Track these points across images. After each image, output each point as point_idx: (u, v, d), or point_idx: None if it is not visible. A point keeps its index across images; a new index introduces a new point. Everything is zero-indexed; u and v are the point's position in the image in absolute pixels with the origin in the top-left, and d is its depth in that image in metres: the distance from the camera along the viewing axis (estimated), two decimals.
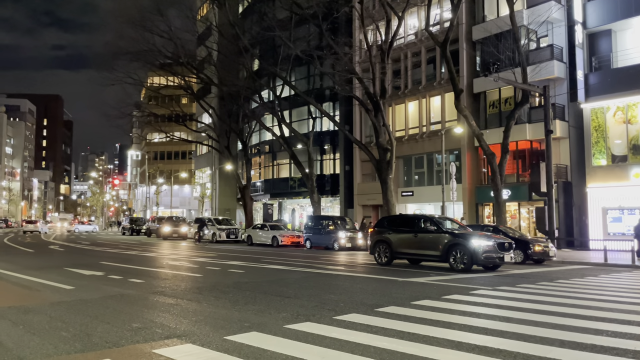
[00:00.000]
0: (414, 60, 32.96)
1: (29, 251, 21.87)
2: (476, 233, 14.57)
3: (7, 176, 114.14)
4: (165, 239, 37.55)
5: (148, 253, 20.54)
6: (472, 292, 9.42)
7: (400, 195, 33.71)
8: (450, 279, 11.64)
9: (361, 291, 9.64)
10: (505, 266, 15.77)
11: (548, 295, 9.06)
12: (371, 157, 26.60)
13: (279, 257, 18.94)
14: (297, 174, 42.00)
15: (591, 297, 8.97)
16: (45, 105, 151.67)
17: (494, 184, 21.61)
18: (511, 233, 18.75)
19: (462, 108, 21.73)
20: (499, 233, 18.53)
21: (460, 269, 13.75)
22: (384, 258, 15.66)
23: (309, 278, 11.78)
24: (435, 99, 31.85)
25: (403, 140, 33.19)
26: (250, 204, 36.90)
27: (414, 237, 15.15)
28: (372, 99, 25.09)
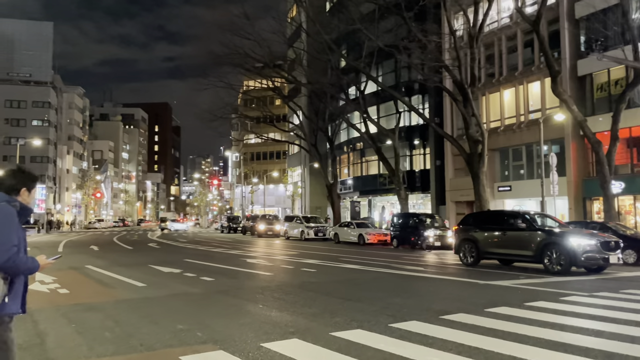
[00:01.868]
0: (509, 45, 30.64)
1: (128, 248, 23.37)
2: (576, 231, 12.93)
3: (124, 179, 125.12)
4: (259, 236, 38.51)
5: (234, 251, 20.98)
6: (563, 298, 8.20)
7: (497, 190, 31.55)
8: (541, 283, 10.35)
9: (432, 295, 8.82)
10: (613, 268, 13.88)
11: None
12: (461, 150, 25.08)
13: (360, 255, 18.38)
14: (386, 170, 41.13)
15: None
16: (156, 113, 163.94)
17: (602, 175, 19.27)
18: (622, 231, 16.60)
19: (560, 92, 19.63)
20: (607, 231, 16.53)
21: (556, 271, 12.26)
22: (470, 258, 14.48)
23: (381, 279, 11.11)
24: (533, 85, 29.33)
25: (499, 131, 31.02)
26: (337, 201, 36.68)
27: (503, 235, 13.83)
28: (461, 88, 23.60)
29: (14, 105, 73.47)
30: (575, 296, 8.46)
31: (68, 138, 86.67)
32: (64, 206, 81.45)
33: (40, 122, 74.68)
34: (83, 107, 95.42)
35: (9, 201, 2.89)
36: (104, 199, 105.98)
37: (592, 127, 25.30)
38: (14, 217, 2.85)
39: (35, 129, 74.04)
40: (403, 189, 29.73)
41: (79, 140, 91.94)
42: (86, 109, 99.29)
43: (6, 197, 2.91)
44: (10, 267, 2.76)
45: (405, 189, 38.76)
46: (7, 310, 2.81)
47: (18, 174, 3.04)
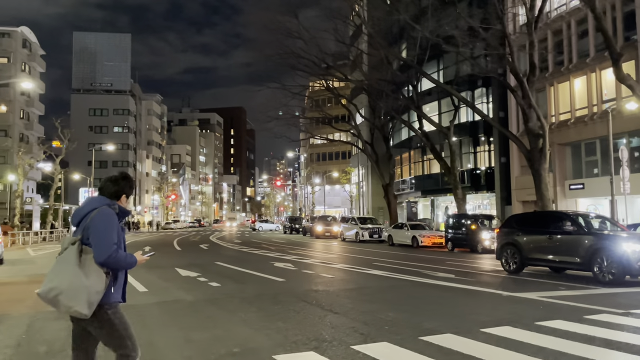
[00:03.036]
0: (579, 29, 27.96)
1: (177, 249, 23.80)
2: (632, 235, 11.16)
3: (201, 181, 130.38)
4: (317, 237, 38.12)
5: (275, 253, 20.58)
6: (588, 316, 6.86)
7: (568, 189, 28.92)
8: (577, 296, 8.91)
9: (435, 308, 7.79)
10: None
11: None
12: (521, 145, 23.11)
13: (400, 260, 17.31)
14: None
15: None
16: (231, 117, 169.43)
17: None
18: None
19: (624, 77, 17.30)
20: None
21: (607, 281, 10.63)
22: (513, 265, 13.03)
23: (394, 288, 10.15)
24: (607, 71, 26.39)
25: (569, 123, 28.40)
26: (394, 202, 35.43)
27: (548, 240, 12.29)
28: (516, 77, 21.73)
29: (97, 114, 78.74)
30: (606, 314, 7.07)
31: (147, 143, 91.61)
32: (143, 208, 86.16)
33: (120, 129, 79.47)
34: (161, 113, 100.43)
35: (110, 204, 3.24)
36: (182, 200, 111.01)
37: None
38: (115, 218, 3.21)
39: (116, 135, 79.01)
40: (460, 189, 28.00)
41: (158, 145, 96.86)
42: (164, 115, 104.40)
43: (107, 200, 3.27)
44: (111, 263, 3.13)
45: (464, 189, 36.78)
46: (114, 299, 3.23)
47: (120, 182, 3.38)
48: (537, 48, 21.87)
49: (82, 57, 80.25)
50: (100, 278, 3.10)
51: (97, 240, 3.09)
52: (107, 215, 3.17)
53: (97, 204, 3.25)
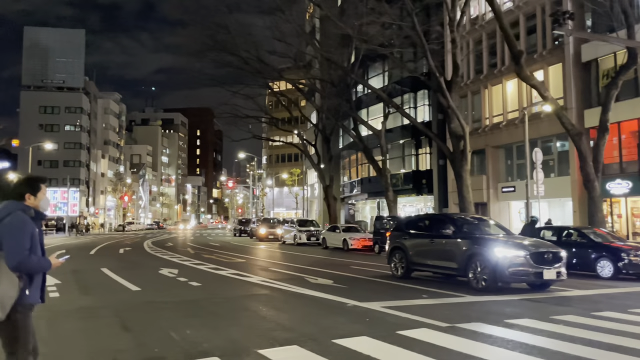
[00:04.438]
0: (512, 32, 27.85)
1: (89, 254, 22.68)
2: (505, 240, 10.75)
3: (163, 182, 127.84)
4: (261, 240, 37.25)
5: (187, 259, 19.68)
6: (403, 332, 6.27)
7: (501, 191, 28.87)
8: (427, 306, 8.39)
9: (246, 322, 7.11)
10: (580, 283, 11.70)
11: (569, 339, 5.60)
12: (444, 147, 22.87)
13: (308, 263, 16.68)
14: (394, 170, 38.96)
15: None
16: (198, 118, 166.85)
17: (585, 173, 16.65)
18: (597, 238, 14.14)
19: (526, 76, 17.13)
20: (582, 237, 14.22)
21: (480, 288, 10.20)
22: (400, 270, 12.51)
23: (246, 298, 9.48)
24: (537, 74, 26.35)
25: (501, 126, 28.37)
26: (333, 204, 34.87)
27: (430, 244, 11.83)
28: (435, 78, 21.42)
29: (48, 111, 76.06)
30: (425, 329, 6.49)
31: (104, 142, 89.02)
32: (98, 209, 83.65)
33: (72, 127, 76.94)
34: (119, 112, 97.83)
35: (24, 209, 3.30)
36: (142, 202, 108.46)
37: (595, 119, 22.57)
38: (27, 223, 3.25)
39: (68, 134, 76.44)
40: (391, 191, 27.59)
41: (115, 145, 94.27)
42: (123, 114, 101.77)
43: (21, 205, 3.32)
44: (23, 268, 3.19)
45: (407, 191, 36.73)
46: (28, 300, 3.27)
47: (18, 183, 3.43)
48: (459, 48, 21.61)
49: (33, 53, 77.42)
50: (13, 283, 3.16)
51: (8, 246, 3.15)
52: (20, 220, 3.23)
53: (11, 209, 3.28)
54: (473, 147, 31.12)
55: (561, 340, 5.93)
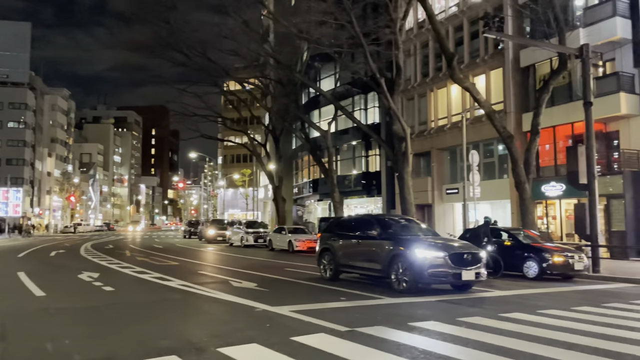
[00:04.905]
0: (456, 36, 28.40)
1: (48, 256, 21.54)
2: (426, 240, 10.71)
3: (115, 182, 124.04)
4: (209, 242, 36.42)
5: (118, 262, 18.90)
6: (298, 337, 6.02)
7: (445, 193, 29.28)
8: (342, 308, 8.21)
9: (139, 330, 6.71)
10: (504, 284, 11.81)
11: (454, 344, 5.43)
12: (386, 148, 22.97)
13: (243, 266, 16.29)
14: (346, 171, 39.01)
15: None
16: (153, 117, 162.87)
17: (516, 175, 16.98)
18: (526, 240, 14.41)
19: (459, 79, 17.37)
20: (511, 239, 14.42)
21: (402, 290, 10.10)
22: (329, 272, 12.31)
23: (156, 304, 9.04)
24: (479, 78, 27.06)
25: (445, 129, 28.77)
26: (282, 205, 34.52)
27: (357, 245, 11.68)
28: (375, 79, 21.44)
29: None
30: (322, 334, 6.27)
31: (50, 140, 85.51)
32: (44, 210, 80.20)
33: (16, 124, 73.54)
34: (68, 109, 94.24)
35: None
36: (92, 202, 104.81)
37: None
38: None
39: (11, 131, 73.01)
40: (337, 193, 27.49)
41: (63, 143, 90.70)
42: (72, 111, 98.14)
43: None
44: None
45: (357, 193, 36.84)
46: None
47: None
48: (410, 51, 21.71)
49: None
50: None
51: None
52: None
53: None
54: (419, 150, 31.63)
55: (454, 343, 5.83)
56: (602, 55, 21.69)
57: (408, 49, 31.53)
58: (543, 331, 6.56)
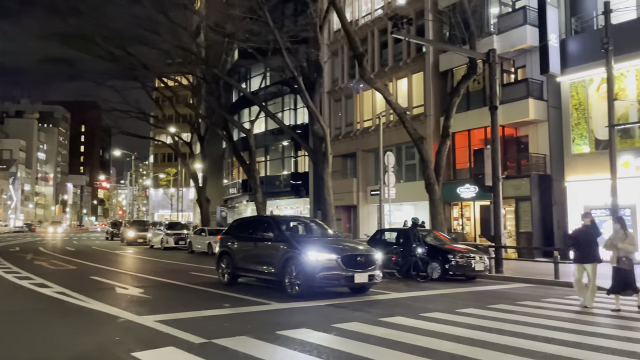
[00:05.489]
0: (381, 39, 28.61)
1: None
2: (320, 242, 10.42)
3: (39, 181, 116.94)
4: (130, 244, 34.69)
5: (3, 267, 17.43)
6: (139, 352, 5.46)
7: (370, 194, 29.42)
8: (218, 316, 7.69)
9: None
10: (404, 286, 11.70)
11: None
12: (308, 149, 22.70)
13: (146, 271, 15.40)
14: (276, 172, 38.54)
15: None
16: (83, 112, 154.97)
17: (426, 176, 17.15)
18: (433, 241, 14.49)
19: (369, 79, 17.38)
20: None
21: (295, 294, 9.73)
22: (227, 276, 11.76)
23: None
24: (402, 81, 27.42)
25: (370, 130, 28.92)
26: (206, 206, 33.51)
27: (254, 247, 11.21)
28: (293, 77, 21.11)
29: None
30: (172, 347, 5.74)
31: None
32: None
33: None
34: None
35: None
36: (12, 202, 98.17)
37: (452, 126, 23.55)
38: None
39: None
40: (260, 193, 26.92)
41: None
42: None
43: None
44: None
45: (285, 194, 36.48)
46: None
47: None
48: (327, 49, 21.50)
49: None
50: None
51: None
52: None
53: None
54: (346, 151, 31.70)
55: (309, 354, 5.47)
56: (514, 62, 22.58)
57: (335, 49, 31.53)
58: (411, 336, 6.36)
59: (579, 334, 6.73)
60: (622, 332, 7.01)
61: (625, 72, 17.97)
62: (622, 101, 17.95)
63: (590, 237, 9.14)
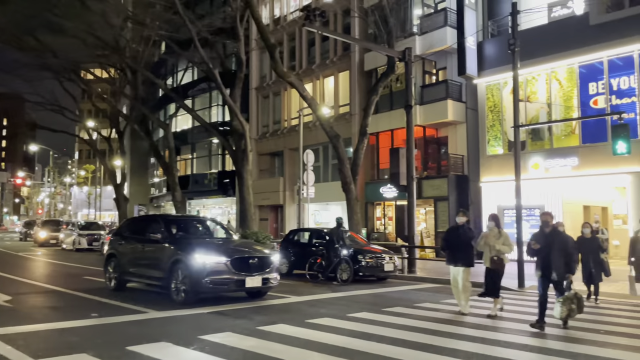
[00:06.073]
0: (310, 36, 28.14)
1: None
2: (217, 242, 9.73)
3: None
4: (41, 245, 32.23)
5: None
6: None
7: (296, 193, 28.84)
8: (74, 328, 6.78)
9: None
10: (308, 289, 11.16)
11: None
12: (228, 147, 21.87)
13: (32, 276, 14.04)
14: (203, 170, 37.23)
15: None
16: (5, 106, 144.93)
17: (342, 175, 16.80)
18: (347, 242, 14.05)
19: (283, 73, 16.83)
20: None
21: (181, 301, 8.94)
22: (114, 281, 10.75)
23: None
24: (329, 79, 27.09)
25: (297, 129, 28.34)
26: (123, 204, 31.76)
27: (142, 250, 10.29)
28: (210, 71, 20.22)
29: None
30: None
31: None
32: None
33: None
34: None
35: None
36: None
37: (376, 125, 23.46)
38: None
39: None
40: (179, 192, 25.70)
41: None
42: None
43: None
44: None
45: (212, 193, 35.35)
46: None
47: None
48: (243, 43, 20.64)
49: None
50: None
51: None
52: None
53: None
54: (273, 149, 31.04)
55: None
56: (435, 64, 22.76)
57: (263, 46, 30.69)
58: (277, 348, 5.80)
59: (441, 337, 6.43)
60: (476, 332, 6.80)
61: (537, 75, 18.45)
62: (533, 104, 18.41)
63: (462, 238, 8.60)
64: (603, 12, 16.51)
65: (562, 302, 7.01)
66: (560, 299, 7.11)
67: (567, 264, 7.11)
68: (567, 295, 7.06)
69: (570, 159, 17.18)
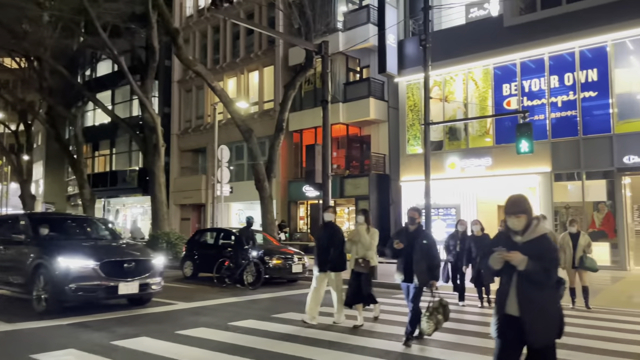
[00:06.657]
0: (235, 29, 27.13)
1: None
2: (89, 244, 8.67)
3: None
4: None
5: None
6: None
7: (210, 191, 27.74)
8: None
9: None
10: (204, 294, 10.25)
11: None
12: (138, 141, 20.60)
13: None
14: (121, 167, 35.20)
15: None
16: None
17: (255, 172, 16.06)
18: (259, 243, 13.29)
19: (189, 62, 15.89)
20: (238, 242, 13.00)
21: (42, 311, 7.85)
22: None
23: None
24: (254, 74, 26.22)
25: (221, 124, 27.24)
26: (30, 202, 29.40)
27: (3, 252, 9.04)
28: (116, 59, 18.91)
29: None
30: None
31: None
32: None
33: None
34: None
35: None
36: None
37: (300, 122, 22.90)
38: None
39: None
40: (88, 189, 23.96)
41: None
42: None
43: None
44: None
45: (132, 190, 33.58)
46: None
47: None
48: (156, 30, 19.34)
49: None
50: None
51: None
52: None
53: None
54: (196, 145, 29.73)
55: None
56: (359, 61, 22.46)
57: (187, 36, 29.35)
58: None
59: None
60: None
61: (455, 75, 18.48)
62: (451, 104, 18.43)
63: (332, 239, 7.50)
64: (516, 14, 16.73)
65: (428, 317, 5.97)
66: (426, 312, 6.03)
67: (430, 268, 6.13)
68: (433, 306, 6.02)
69: (484, 159, 17.29)
